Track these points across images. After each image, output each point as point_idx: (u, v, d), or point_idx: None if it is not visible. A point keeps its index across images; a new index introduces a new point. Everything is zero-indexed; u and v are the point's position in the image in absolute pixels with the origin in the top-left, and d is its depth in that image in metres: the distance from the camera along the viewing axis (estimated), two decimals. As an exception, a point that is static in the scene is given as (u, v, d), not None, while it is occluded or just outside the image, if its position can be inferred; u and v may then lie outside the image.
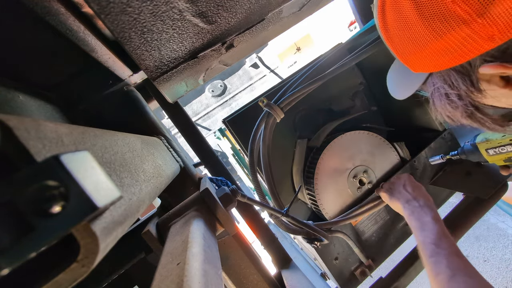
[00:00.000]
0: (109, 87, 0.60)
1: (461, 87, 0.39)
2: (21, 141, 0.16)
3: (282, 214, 0.70)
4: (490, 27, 0.32)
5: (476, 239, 2.83)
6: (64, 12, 0.39)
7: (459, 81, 0.39)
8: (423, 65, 0.41)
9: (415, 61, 0.42)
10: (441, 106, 0.45)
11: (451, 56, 0.36)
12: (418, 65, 0.42)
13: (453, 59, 0.36)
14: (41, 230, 0.15)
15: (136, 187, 0.32)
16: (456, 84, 0.40)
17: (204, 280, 0.28)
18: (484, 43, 0.33)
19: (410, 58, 0.43)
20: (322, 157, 0.84)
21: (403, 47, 0.42)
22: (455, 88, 0.40)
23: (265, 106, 0.75)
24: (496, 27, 0.31)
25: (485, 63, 0.35)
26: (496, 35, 0.32)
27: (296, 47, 5.19)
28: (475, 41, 0.33)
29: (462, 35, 0.34)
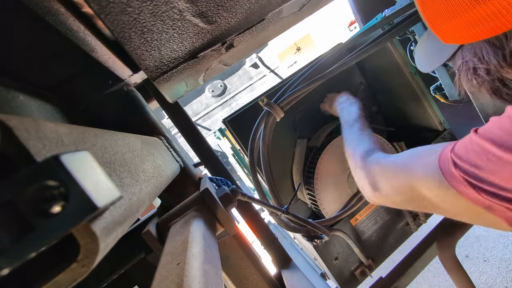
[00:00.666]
0: (109, 87, 0.60)
1: (491, 61, 0.37)
2: (21, 141, 0.16)
3: (283, 212, 0.71)
4: None
5: (476, 239, 2.83)
6: (64, 12, 0.39)
7: (490, 55, 0.37)
8: (455, 35, 0.39)
9: (447, 30, 0.40)
10: (467, 80, 0.43)
11: (487, 26, 0.34)
12: (450, 35, 0.40)
13: (489, 29, 0.34)
14: (41, 230, 0.15)
15: (136, 187, 0.32)
16: (487, 58, 0.37)
17: (204, 280, 0.28)
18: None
19: (442, 27, 0.40)
20: (322, 157, 0.84)
21: (437, 13, 0.40)
22: (484, 62, 0.38)
23: (265, 105, 0.75)
24: None
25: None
26: None
27: (296, 47, 5.19)
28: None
29: (502, 3, 0.32)
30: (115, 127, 0.52)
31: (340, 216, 0.80)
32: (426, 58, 0.53)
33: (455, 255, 0.86)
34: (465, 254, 2.79)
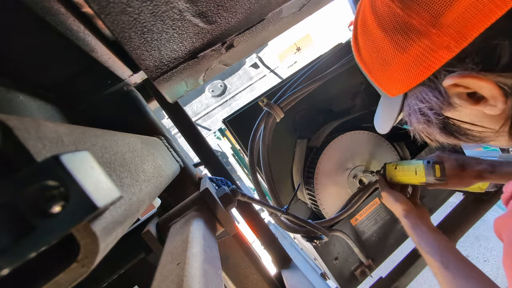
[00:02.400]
0: (109, 87, 0.60)
1: (431, 99, 0.39)
2: (21, 141, 0.16)
3: (282, 212, 0.71)
4: (445, 37, 0.32)
5: (476, 239, 2.83)
6: (64, 12, 0.39)
7: (429, 94, 0.38)
8: (395, 85, 0.41)
9: (387, 82, 0.43)
10: (416, 122, 0.44)
11: (417, 70, 0.36)
12: (391, 86, 0.42)
13: (420, 73, 0.36)
14: (41, 230, 0.15)
15: (136, 187, 0.32)
16: (427, 98, 0.39)
17: (204, 280, 0.28)
18: (443, 53, 0.33)
19: (382, 80, 0.43)
20: (322, 157, 0.84)
21: (375, 67, 0.43)
22: (426, 102, 0.40)
23: (265, 105, 0.75)
24: (449, 36, 0.32)
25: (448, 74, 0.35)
26: (452, 43, 0.32)
27: (296, 47, 5.19)
28: (435, 52, 0.34)
29: (422, 47, 0.34)
30: (115, 127, 0.52)
31: (340, 217, 0.80)
32: (381, 119, 0.55)
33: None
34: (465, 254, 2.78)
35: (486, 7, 0.30)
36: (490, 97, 0.33)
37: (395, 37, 0.37)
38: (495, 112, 0.34)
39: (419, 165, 0.68)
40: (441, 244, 0.59)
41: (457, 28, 0.32)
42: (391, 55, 0.39)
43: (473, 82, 0.33)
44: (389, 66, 0.40)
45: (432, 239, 0.60)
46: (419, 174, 0.68)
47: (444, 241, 0.59)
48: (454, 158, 0.71)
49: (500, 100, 0.32)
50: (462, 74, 0.33)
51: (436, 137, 0.44)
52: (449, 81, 0.34)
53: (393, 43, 0.37)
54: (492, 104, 0.33)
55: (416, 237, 0.63)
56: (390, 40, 0.38)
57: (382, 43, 0.39)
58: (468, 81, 0.33)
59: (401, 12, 0.35)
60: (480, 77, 0.32)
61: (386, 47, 0.39)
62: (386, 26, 0.38)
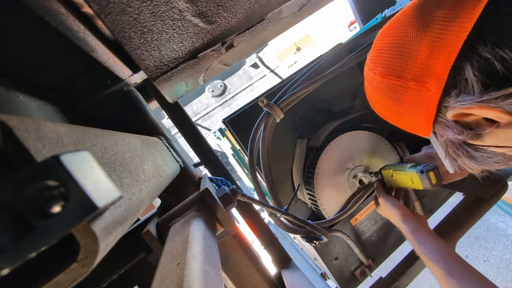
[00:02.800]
0: (109, 87, 0.60)
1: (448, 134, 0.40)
2: (21, 141, 0.16)
3: (282, 213, 0.71)
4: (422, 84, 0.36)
5: (476, 239, 2.83)
6: (64, 12, 0.39)
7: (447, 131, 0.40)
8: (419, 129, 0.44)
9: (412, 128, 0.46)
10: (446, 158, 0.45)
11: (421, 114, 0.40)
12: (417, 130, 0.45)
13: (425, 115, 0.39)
14: (41, 230, 0.15)
15: (136, 187, 0.32)
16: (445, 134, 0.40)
17: (204, 280, 0.28)
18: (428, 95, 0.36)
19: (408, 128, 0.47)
20: (322, 157, 0.84)
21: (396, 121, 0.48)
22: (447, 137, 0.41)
23: (265, 106, 0.75)
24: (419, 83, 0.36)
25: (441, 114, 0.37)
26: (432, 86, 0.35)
27: (296, 47, 5.19)
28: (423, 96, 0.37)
29: (412, 97, 0.38)
30: (115, 127, 0.52)
31: (340, 218, 0.80)
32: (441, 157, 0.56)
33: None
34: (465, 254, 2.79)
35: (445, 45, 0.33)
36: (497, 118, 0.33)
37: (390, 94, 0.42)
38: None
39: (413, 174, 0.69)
40: (444, 250, 0.58)
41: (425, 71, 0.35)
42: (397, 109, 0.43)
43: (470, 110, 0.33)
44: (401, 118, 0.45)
45: (434, 245, 0.60)
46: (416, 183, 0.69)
47: (445, 247, 0.59)
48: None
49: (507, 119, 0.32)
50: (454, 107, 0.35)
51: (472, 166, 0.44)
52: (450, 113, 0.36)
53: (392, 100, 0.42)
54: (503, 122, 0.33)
55: (417, 243, 0.63)
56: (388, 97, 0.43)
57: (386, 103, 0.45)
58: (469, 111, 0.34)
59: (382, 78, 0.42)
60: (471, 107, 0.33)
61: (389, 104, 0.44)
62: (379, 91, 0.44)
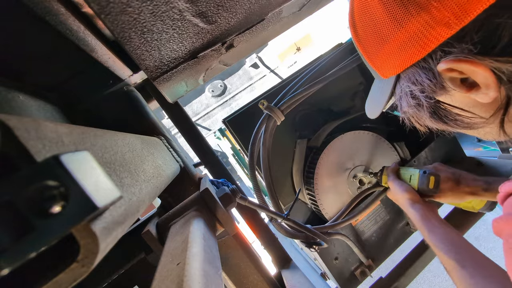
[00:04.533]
0: (109, 87, 0.60)
1: (424, 81, 0.37)
2: (21, 141, 0.16)
3: (283, 218, 0.70)
4: (446, 11, 0.30)
5: (476, 239, 2.83)
6: (64, 12, 0.39)
7: (422, 76, 0.37)
8: (389, 65, 0.40)
9: (382, 61, 0.41)
10: (407, 106, 0.43)
11: (413, 49, 0.35)
12: (385, 65, 0.41)
13: (415, 52, 0.35)
14: (41, 230, 0.15)
15: (136, 187, 0.32)
16: (420, 80, 0.38)
17: (204, 280, 0.28)
18: (441, 31, 0.31)
19: (377, 58, 0.42)
20: (322, 157, 0.84)
21: (370, 44, 0.42)
22: (418, 84, 0.38)
23: (266, 108, 0.74)
24: (450, 11, 0.30)
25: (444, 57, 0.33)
26: (452, 20, 0.30)
27: (296, 47, 5.19)
28: (433, 29, 0.32)
29: (421, 22, 0.32)
30: (115, 127, 0.52)
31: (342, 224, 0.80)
32: (372, 102, 0.53)
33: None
34: (465, 254, 2.78)
35: None
36: (483, 84, 0.32)
37: (393, 10, 0.35)
38: (486, 100, 0.33)
39: (415, 173, 0.69)
40: (455, 239, 0.56)
41: (460, 2, 0.29)
42: (388, 30, 0.37)
43: (467, 67, 0.31)
44: (384, 43, 0.38)
45: (445, 234, 0.57)
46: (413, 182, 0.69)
47: (457, 236, 0.57)
48: (451, 172, 0.70)
49: (493, 88, 0.32)
50: (457, 58, 0.32)
51: (426, 121, 0.44)
52: (443, 66, 0.33)
53: (391, 18, 0.35)
54: (484, 92, 0.33)
55: (427, 231, 0.60)
56: (388, 14, 0.35)
57: (380, 17, 0.37)
58: (463, 66, 0.32)
59: None
60: (475, 62, 0.31)
61: (384, 22, 0.37)
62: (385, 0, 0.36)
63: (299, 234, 0.75)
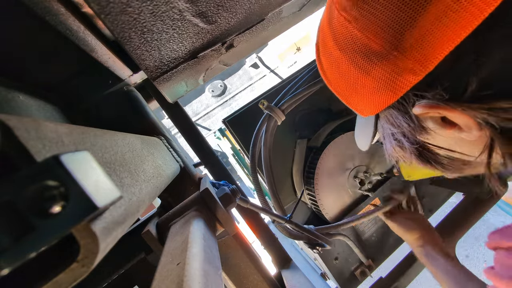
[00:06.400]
0: (109, 87, 0.60)
1: (403, 125, 0.35)
2: (21, 141, 0.16)
3: (286, 221, 0.70)
4: (408, 60, 0.29)
5: (476, 239, 2.83)
6: (64, 12, 0.39)
7: (400, 119, 0.35)
8: (365, 107, 0.39)
9: (356, 103, 0.40)
10: (390, 148, 0.41)
11: (384, 94, 0.33)
12: (361, 107, 0.40)
13: (387, 96, 0.33)
14: (41, 230, 0.15)
15: (136, 187, 0.32)
16: (398, 123, 0.36)
17: (204, 280, 0.28)
18: (408, 77, 0.30)
19: (351, 101, 0.41)
20: (322, 157, 0.84)
21: (341, 88, 0.41)
22: (398, 126, 0.36)
23: (266, 108, 0.74)
24: (413, 59, 0.29)
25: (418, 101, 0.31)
26: (416, 67, 0.29)
27: (296, 47, 5.18)
28: (400, 75, 0.31)
29: (386, 70, 0.31)
30: (115, 127, 0.52)
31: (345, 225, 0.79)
32: (360, 135, 0.53)
33: (455, 255, 0.86)
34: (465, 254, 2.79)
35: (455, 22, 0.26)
36: (464, 125, 0.30)
37: (355, 59, 0.34)
38: (471, 138, 0.31)
39: None
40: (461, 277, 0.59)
41: (421, 49, 0.28)
42: (355, 77, 0.36)
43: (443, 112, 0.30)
44: (354, 88, 0.37)
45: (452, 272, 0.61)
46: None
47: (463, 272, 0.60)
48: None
49: (475, 128, 0.29)
50: (430, 104, 0.30)
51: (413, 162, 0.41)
52: (418, 110, 0.31)
53: (355, 66, 0.34)
54: (466, 131, 0.31)
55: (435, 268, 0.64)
56: (351, 62, 0.35)
57: (344, 65, 0.36)
58: (438, 111, 0.30)
59: (359, 34, 0.32)
60: (448, 108, 0.29)
61: (349, 70, 0.36)
62: (345, 48, 0.35)
63: (302, 236, 0.75)
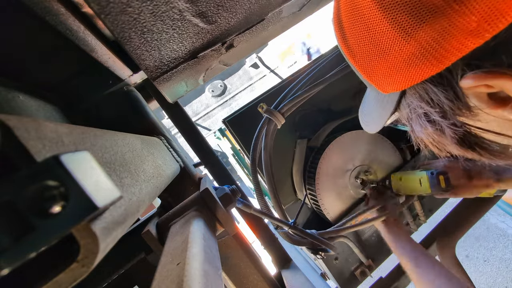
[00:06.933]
0: (109, 87, 0.60)
1: (443, 102, 0.29)
2: (21, 141, 0.16)
3: (290, 227, 0.70)
4: (472, 16, 0.23)
5: (476, 239, 2.83)
6: (64, 12, 0.39)
7: (440, 96, 0.29)
8: (392, 81, 0.32)
9: (381, 76, 0.33)
10: (423, 131, 0.34)
11: (425, 63, 0.27)
12: (387, 82, 0.33)
13: (428, 66, 0.27)
14: (41, 230, 0.15)
15: (136, 187, 0.32)
16: (436, 100, 0.29)
17: (204, 280, 0.28)
18: (466, 40, 0.24)
19: (376, 73, 0.34)
20: (324, 157, 0.84)
21: (365, 56, 0.34)
22: (436, 105, 0.30)
23: (265, 112, 0.74)
24: (478, 15, 0.23)
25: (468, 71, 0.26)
26: (480, 26, 0.23)
27: (296, 47, 5.18)
28: (454, 38, 0.25)
29: (437, 30, 0.25)
30: (115, 127, 0.52)
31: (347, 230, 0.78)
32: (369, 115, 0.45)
33: (455, 255, 0.86)
34: (465, 254, 2.79)
35: None
36: None
37: (398, 17, 0.27)
38: None
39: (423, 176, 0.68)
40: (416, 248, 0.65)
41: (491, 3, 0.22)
42: (390, 41, 0.29)
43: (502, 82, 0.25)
44: (385, 56, 0.30)
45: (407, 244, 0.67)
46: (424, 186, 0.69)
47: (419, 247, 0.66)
48: (461, 168, 0.70)
49: None
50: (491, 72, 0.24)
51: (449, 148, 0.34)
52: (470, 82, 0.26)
53: (395, 25, 0.27)
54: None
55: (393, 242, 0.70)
56: (390, 21, 0.28)
57: (379, 25, 0.29)
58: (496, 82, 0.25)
59: None
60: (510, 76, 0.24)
61: (384, 31, 0.29)
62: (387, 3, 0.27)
63: (305, 241, 0.75)
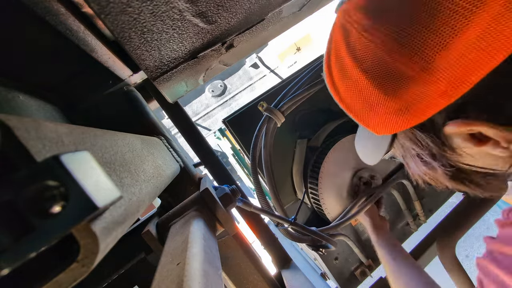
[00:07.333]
0: (109, 87, 0.60)
1: (431, 146, 0.33)
2: (21, 141, 0.16)
3: (290, 223, 0.70)
4: (440, 82, 0.28)
5: (476, 239, 2.83)
6: (64, 12, 0.39)
7: (427, 140, 0.33)
8: (383, 127, 0.36)
9: (374, 123, 0.37)
10: (418, 169, 0.38)
11: (409, 115, 0.32)
12: (379, 127, 0.37)
13: (412, 118, 0.32)
14: (41, 230, 0.15)
15: (136, 187, 0.32)
16: (425, 144, 0.34)
17: (204, 280, 0.28)
18: (439, 100, 0.29)
19: (369, 122, 0.38)
20: (328, 158, 0.83)
21: (358, 110, 0.38)
22: (424, 147, 0.34)
23: (265, 110, 0.74)
24: (445, 82, 0.28)
25: (448, 120, 0.30)
26: (449, 90, 0.28)
27: (296, 47, 5.18)
28: (430, 98, 0.29)
29: (415, 92, 0.30)
30: (115, 127, 0.52)
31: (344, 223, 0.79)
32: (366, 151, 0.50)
33: (455, 255, 0.86)
34: (465, 254, 2.79)
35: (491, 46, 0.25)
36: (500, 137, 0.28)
37: (382, 82, 0.32)
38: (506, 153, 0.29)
39: None
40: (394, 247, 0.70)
41: (454, 72, 0.27)
42: (376, 98, 0.34)
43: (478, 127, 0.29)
44: (373, 109, 0.35)
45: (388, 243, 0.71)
46: None
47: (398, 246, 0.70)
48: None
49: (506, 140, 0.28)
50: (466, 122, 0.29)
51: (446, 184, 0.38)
52: (452, 129, 0.30)
53: (379, 87, 0.33)
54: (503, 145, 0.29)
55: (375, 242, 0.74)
56: (376, 85, 0.33)
57: (367, 88, 0.34)
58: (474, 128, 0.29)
59: (386, 57, 0.31)
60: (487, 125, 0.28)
61: (370, 91, 0.34)
62: (369, 71, 0.33)
63: (306, 238, 0.75)
